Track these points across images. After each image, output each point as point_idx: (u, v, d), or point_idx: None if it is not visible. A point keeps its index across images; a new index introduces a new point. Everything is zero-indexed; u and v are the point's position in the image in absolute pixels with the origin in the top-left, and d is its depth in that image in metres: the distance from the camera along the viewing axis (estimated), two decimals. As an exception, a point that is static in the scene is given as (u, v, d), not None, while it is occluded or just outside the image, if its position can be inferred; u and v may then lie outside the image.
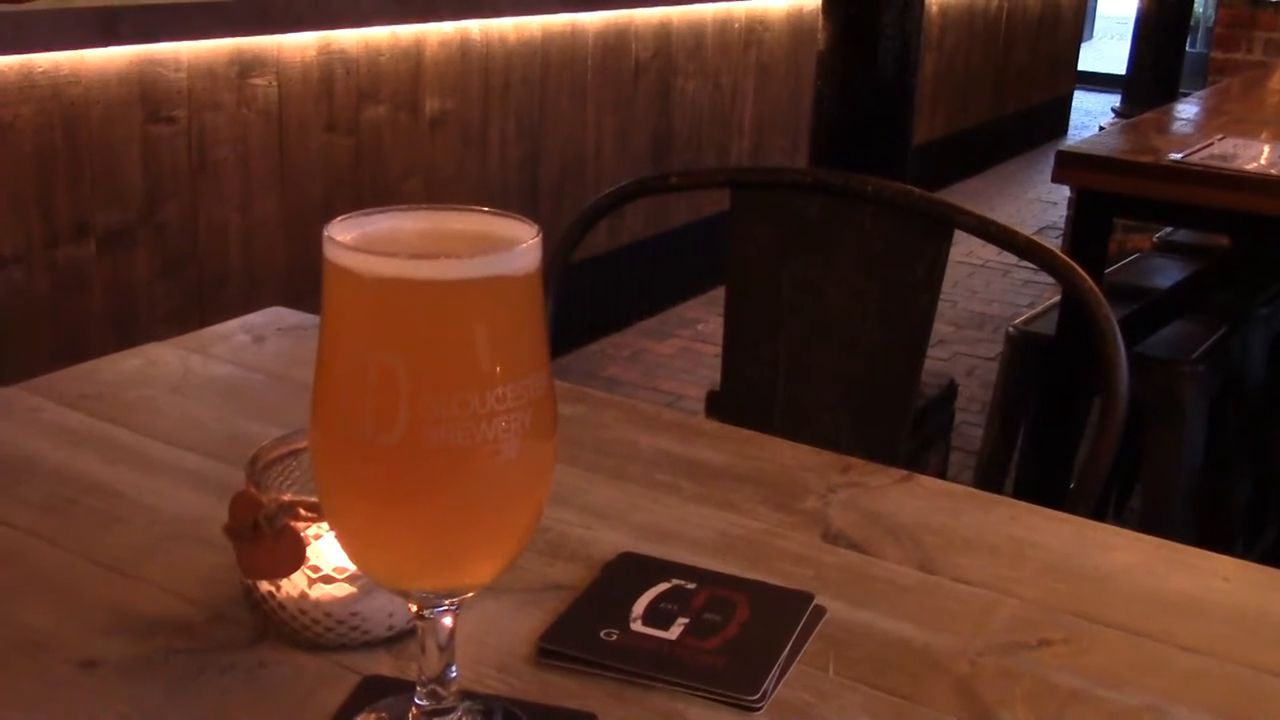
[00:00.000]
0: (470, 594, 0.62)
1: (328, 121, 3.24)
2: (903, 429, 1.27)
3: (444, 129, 3.55)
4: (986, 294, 4.76)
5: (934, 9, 5.88)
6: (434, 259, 0.55)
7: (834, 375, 1.29)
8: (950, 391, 3.23)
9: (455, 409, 0.55)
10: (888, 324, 1.26)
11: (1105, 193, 2.20)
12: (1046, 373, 2.35)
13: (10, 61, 2.53)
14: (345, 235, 0.57)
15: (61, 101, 2.64)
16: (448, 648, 0.64)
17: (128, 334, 2.76)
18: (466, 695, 0.68)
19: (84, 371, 1.11)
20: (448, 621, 0.63)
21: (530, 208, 3.89)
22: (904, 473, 1.00)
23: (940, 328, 4.35)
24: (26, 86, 2.58)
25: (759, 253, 1.31)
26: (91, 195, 2.73)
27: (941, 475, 3.17)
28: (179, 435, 0.99)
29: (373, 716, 0.67)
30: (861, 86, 2.87)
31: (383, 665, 0.73)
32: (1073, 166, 2.22)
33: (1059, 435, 2.38)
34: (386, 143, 3.39)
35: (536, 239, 0.58)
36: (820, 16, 2.82)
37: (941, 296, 4.46)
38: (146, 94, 2.80)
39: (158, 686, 0.70)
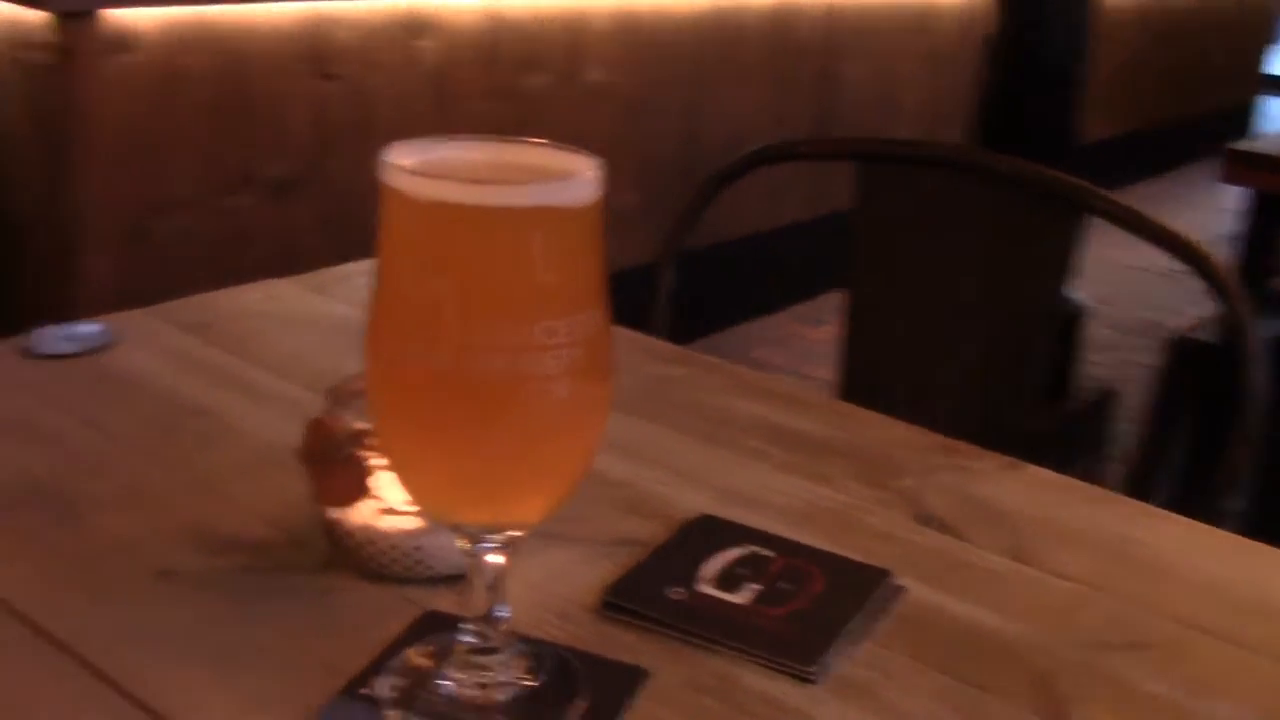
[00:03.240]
0: (518, 533, 0.62)
1: (488, 88, 3.27)
2: (1022, 421, 1.22)
3: (604, 101, 3.56)
4: (1156, 300, 4.57)
5: (1108, 3, 5.66)
6: (487, 184, 0.55)
7: (955, 360, 1.25)
8: (1107, 398, 3.12)
9: (503, 338, 0.54)
10: (1014, 309, 1.21)
11: (1281, 196, 2.08)
12: (1206, 382, 2.23)
13: (187, 12, 2.62)
14: (404, 160, 0.57)
15: (233, 54, 2.72)
16: (495, 587, 0.63)
17: (284, 282, 2.83)
18: (521, 639, 0.68)
19: (204, 301, 1.14)
20: (495, 559, 0.62)
21: (688, 184, 3.88)
22: (1011, 459, 0.96)
23: (1104, 333, 4.19)
24: (202, 38, 2.66)
25: (883, 230, 1.27)
26: (259, 146, 2.81)
27: (1096, 483, 3.06)
28: (286, 367, 1.01)
29: (423, 650, 0.67)
30: (1027, 73, 2.78)
31: (446, 601, 0.73)
32: (1247, 166, 2.11)
33: (1216, 448, 2.26)
34: (546, 111, 3.41)
35: (595, 172, 0.57)
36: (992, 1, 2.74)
37: (1108, 301, 4.27)
38: (315, 50, 2.86)
39: (226, 600, 0.71)
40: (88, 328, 1.02)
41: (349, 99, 2.94)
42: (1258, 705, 0.70)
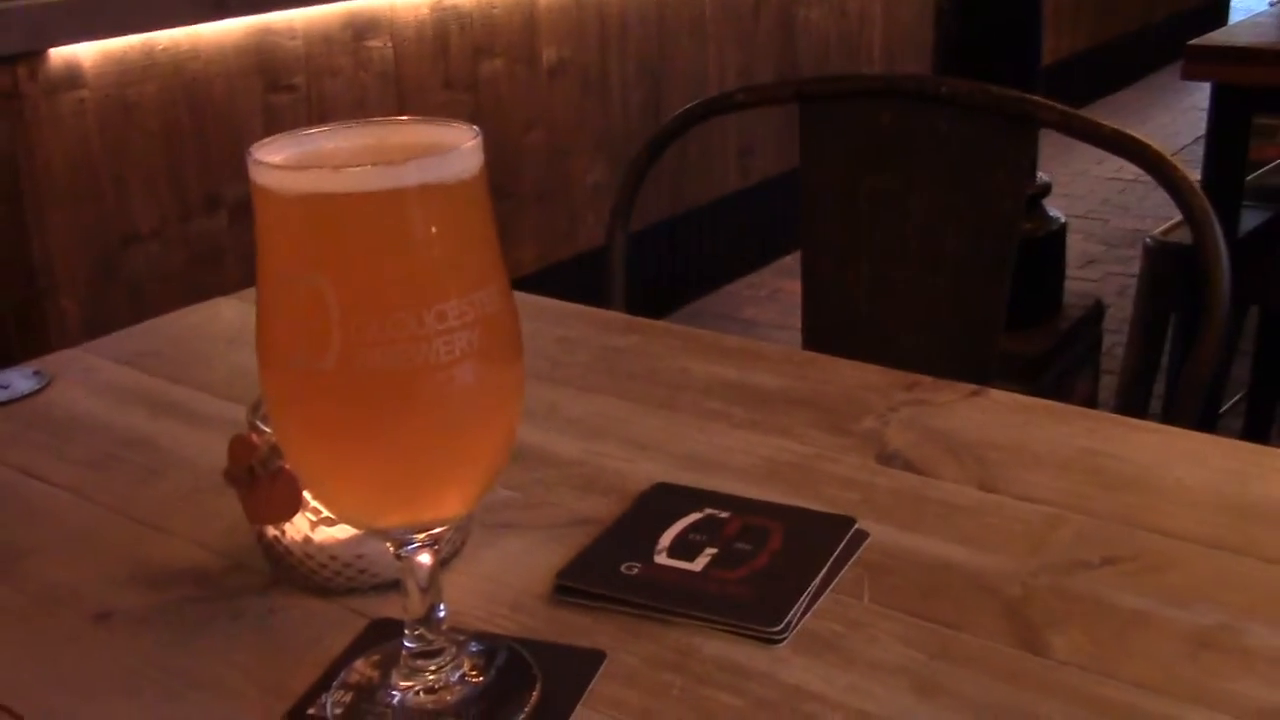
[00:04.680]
0: (441, 529, 0.59)
1: (445, 79, 3.24)
2: (992, 346, 1.19)
3: (563, 78, 3.52)
4: (1139, 210, 4.53)
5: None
6: (353, 169, 0.52)
7: (917, 294, 1.22)
8: (1096, 313, 3.08)
9: (390, 331, 0.52)
10: (972, 235, 1.18)
11: (1243, 87, 2.04)
12: (1188, 284, 2.20)
13: (132, 41, 2.59)
14: (273, 155, 0.54)
15: (184, 77, 2.69)
16: (430, 587, 0.61)
17: (258, 301, 2.81)
18: (470, 636, 0.65)
19: (145, 329, 1.11)
20: (425, 559, 0.60)
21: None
22: (974, 387, 0.93)
23: (1090, 247, 4.16)
24: (149, 65, 2.63)
25: (832, 169, 1.24)
26: (220, 167, 2.78)
27: (1091, 399, 3.03)
28: (226, 388, 0.98)
29: (369, 661, 0.65)
30: (983, -3, 2.74)
31: (394, 608, 0.70)
32: (1205, 60, 2.07)
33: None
34: (505, 96, 3.38)
35: (475, 142, 0.54)
36: (938, -77, 2.70)
37: (1091, 215, 4.22)
38: (265, 64, 2.83)
39: (168, 635, 0.69)
40: (21, 372, 1.00)
41: (304, 108, 2.91)
42: (1242, 606, 0.67)
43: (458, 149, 0.53)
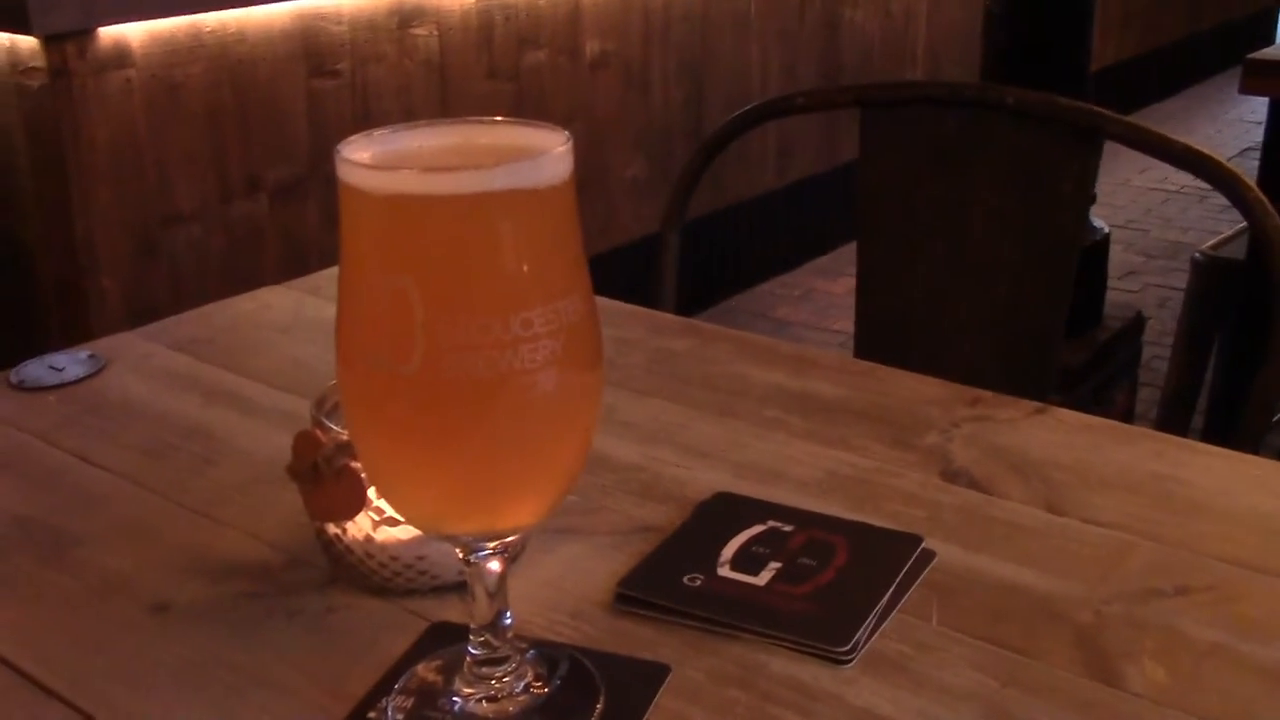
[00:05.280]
0: (514, 537, 0.58)
1: (489, 69, 3.23)
2: (1051, 359, 1.17)
3: (605, 71, 3.51)
4: (1181, 222, 4.48)
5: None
6: (444, 172, 0.51)
7: (976, 303, 1.20)
8: (1137, 324, 3.05)
9: (475, 335, 0.50)
10: (1033, 246, 1.17)
11: (1302, 102, 2.01)
12: (1237, 301, 2.17)
13: (180, 22, 2.59)
14: (360, 153, 0.53)
15: (229, 60, 2.70)
16: (498, 594, 0.60)
17: (297, 285, 2.81)
18: (532, 644, 0.64)
19: (197, 316, 1.11)
20: (494, 566, 0.59)
21: (694, 148, 3.82)
22: (1038, 405, 0.92)
23: (1130, 258, 4.12)
24: (196, 46, 2.63)
25: (892, 175, 1.22)
26: (261, 150, 2.78)
27: (1129, 412, 3.00)
28: (281, 377, 0.98)
29: (431, 665, 0.64)
30: (1034, 1, 2.71)
31: (453, 611, 0.69)
32: (1264, 75, 2.04)
33: (1252, 369, 2.20)
34: (548, 87, 3.37)
35: (564, 148, 0.53)
36: (989, -72, 2.67)
37: (1132, 225, 4.19)
38: (310, 49, 2.83)
39: (224, 630, 0.68)
40: (75, 356, 0.99)
41: (348, 94, 2.91)
42: (1319, 645, 0.66)
43: (548, 154, 0.52)
